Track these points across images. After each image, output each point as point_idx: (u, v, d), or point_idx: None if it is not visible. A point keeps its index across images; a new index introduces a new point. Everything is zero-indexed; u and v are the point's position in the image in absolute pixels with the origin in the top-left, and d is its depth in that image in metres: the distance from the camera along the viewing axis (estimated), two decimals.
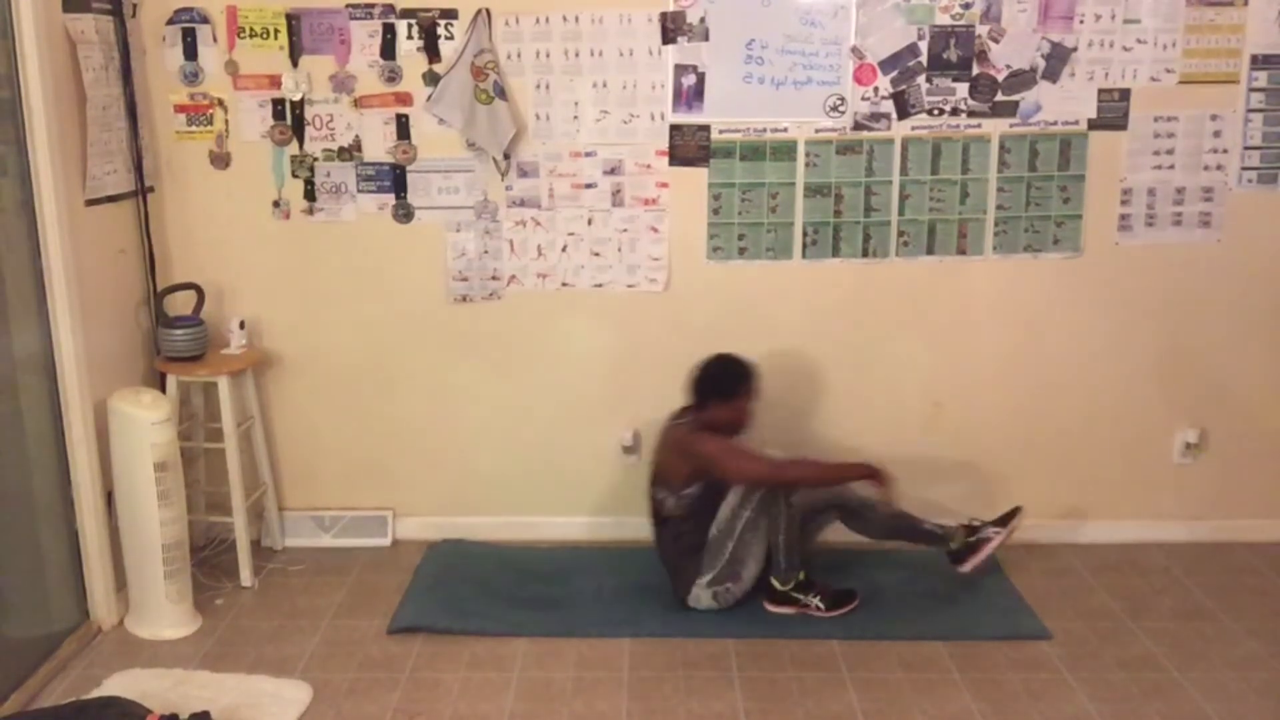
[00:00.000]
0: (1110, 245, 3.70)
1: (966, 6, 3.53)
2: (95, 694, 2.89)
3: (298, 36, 3.57)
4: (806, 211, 3.67)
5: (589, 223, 3.70)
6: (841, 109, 3.61)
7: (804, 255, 3.71)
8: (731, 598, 3.34)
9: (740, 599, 3.36)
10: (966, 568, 3.39)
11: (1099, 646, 3.20)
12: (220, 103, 3.62)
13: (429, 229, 3.71)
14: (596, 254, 3.72)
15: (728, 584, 3.31)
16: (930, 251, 3.70)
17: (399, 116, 3.63)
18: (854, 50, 3.56)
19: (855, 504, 3.46)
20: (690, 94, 3.60)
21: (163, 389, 3.53)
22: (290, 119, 3.63)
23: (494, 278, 3.75)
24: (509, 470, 3.89)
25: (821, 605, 3.33)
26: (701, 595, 3.34)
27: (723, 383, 3.38)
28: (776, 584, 3.34)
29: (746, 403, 3.40)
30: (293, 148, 3.65)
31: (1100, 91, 3.59)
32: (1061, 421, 3.82)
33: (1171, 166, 3.64)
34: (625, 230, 3.70)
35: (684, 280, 3.73)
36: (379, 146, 3.65)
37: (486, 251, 3.73)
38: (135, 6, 3.49)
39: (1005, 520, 3.45)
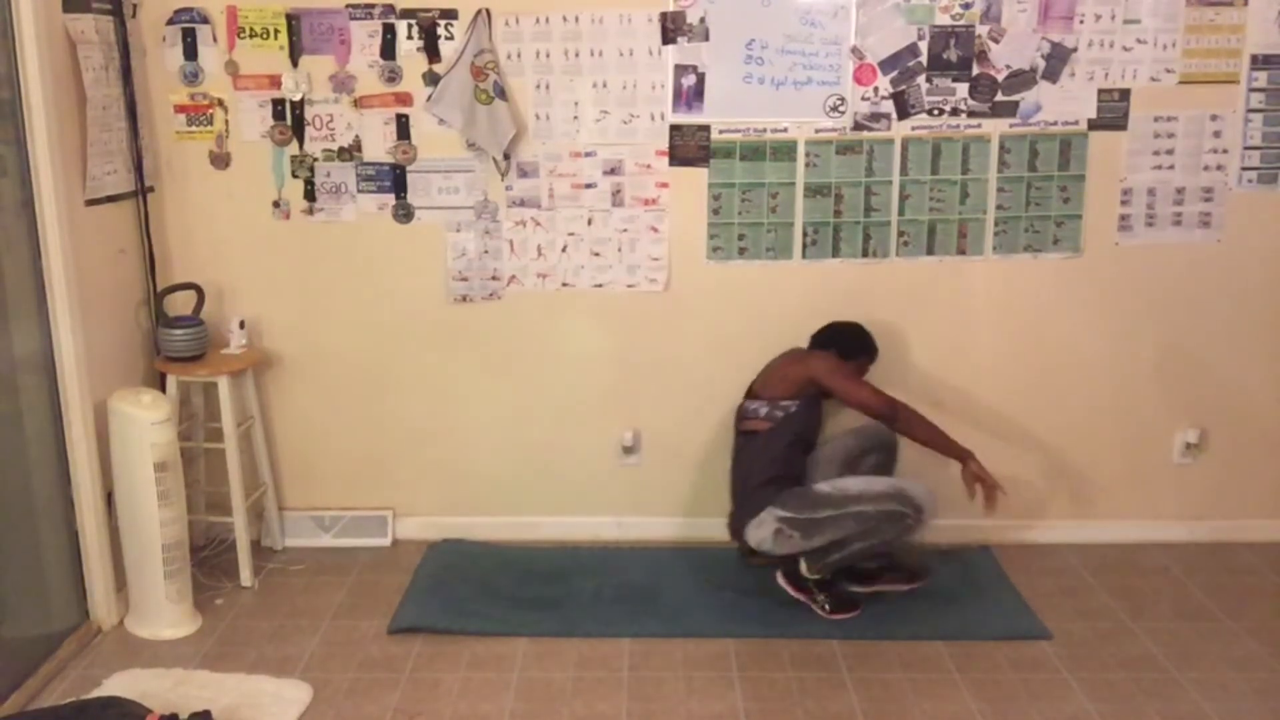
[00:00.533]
0: (1110, 245, 3.70)
1: (966, 6, 3.53)
2: (95, 694, 2.89)
3: (298, 36, 3.57)
4: (806, 211, 3.67)
5: (589, 223, 3.70)
6: (841, 109, 3.61)
7: (804, 255, 3.71)
8: (788, 547, 3.28)
9: (785, 556, 3.32)
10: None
11: (1099, 646, 3.20)
12: (220, 103, 3.62)
13: (429, 229, 3.71)
14: (596, 254, 3.72)
15: (795, 534, 3.24)
16: (930, 251, 3.70)
17: (399, 116, 3.63)
18: (854, 50, 3.56)
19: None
20: (690, 94, 3.60)
21: (163, 389, 3.53)
22: (290, 119, 3.63)
23: (494, 278, 3.75)
24: (509, 470, 3.89)
25: (827, 606, 3.33)
26: (766, 523, 3.26)
27: (849, 343, 3.52)
28: (804, 568, 3.33)
29: (857, 371, 3.51)
30: (293, 148, 3.66)
31: (1100, 91, 3.59)
32: (1061, 421, 3.83)
33: (1171, 166, 3.64)
34: (625, 230, 3.70)
35: (684, 280, 3.73)
36: (379, 146, 3.65)
37: (486, 251, 3.73)
38: (135, 6, 3.49)
39: (911, 577, 3.48)
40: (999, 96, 3.60)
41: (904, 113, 3.61)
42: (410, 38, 3.57)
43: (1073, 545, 3.85)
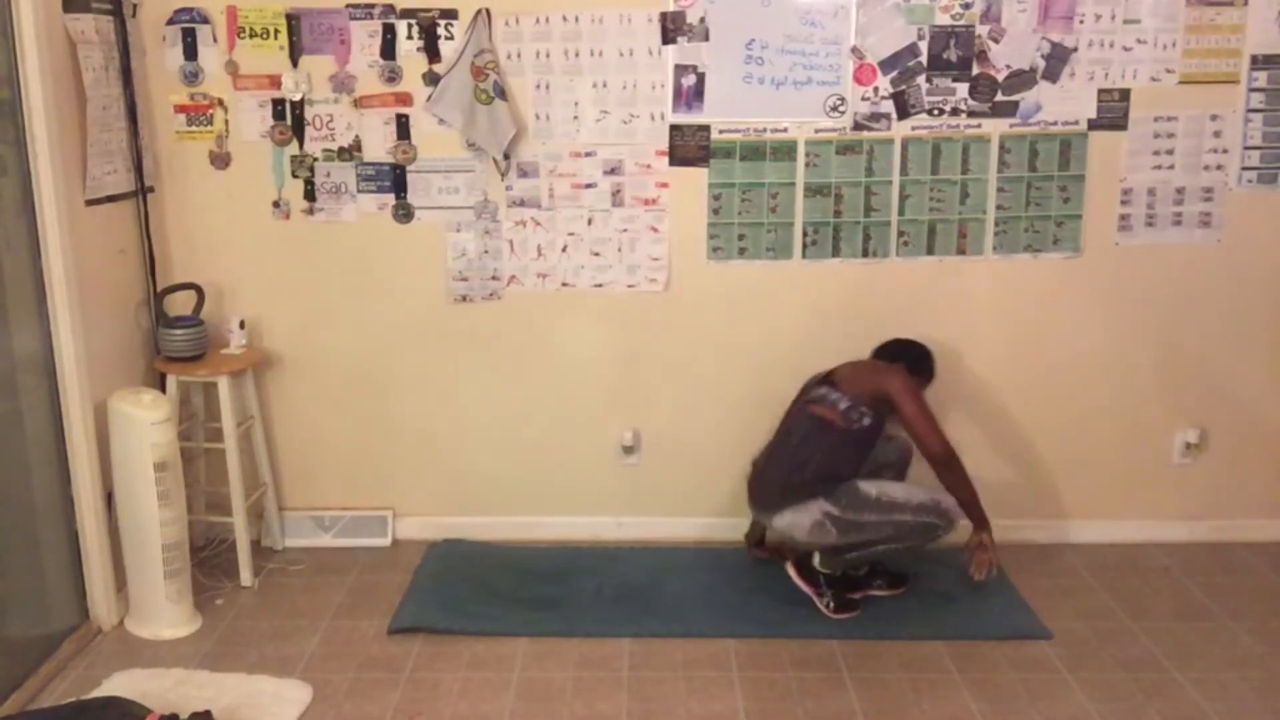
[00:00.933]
0: (1110, 245, 3.70)
1: (966, 6, 3.53)
2: (95, 694, 2.89)
3: (298, 36, 3.57)
4: (806, 211, 3.67)
5: (589, 223, 3.70)
6: (841, 109, 3.61)
7: (804, 255, 3.71)
8: (820, 541, 3.26)
9: (818, 551, 3.33)
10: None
11: (1099, 646, 3.20)
12: (220, 103, 3.62)
13: (429, 229, 3.71)
14: (596, 254, 3.72)
15: (834, 530, 3.22)
16: (930, 251, 3.70)
17: (399, 116, 3.63)
18: (854, 50, 3.56)
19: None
20: (690, 94, 3.60)
21: (163, 389, 3.53)
22: (290, 119, 3.63)
23: (494, 278, 3.75)
24: (509, 470, 3.89)
25: (831, 604, 3.33)
26: (810, 512, 3.22)
27: (916, 360, 3.48)
28: (818, 560, 3.34)
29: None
30: (293, 148, 3.66)
31: (1100, 91, 3.59)
32: (1061, 421, 3.82)
33: (1171, 166, 3.64)
34: (625, 230, 3.70)
35: (684, 280, 3.73)
36: (379, 146, 3.65)
37: (486, 251, 3.73)
38: (135, 6, 3.49)
39: (896, 582, 3.50)
40: (999, 96, 3.60)
41: (904, 113, 3.61)
42: (410, 38, 3.57)
43: (1073, 545, 3.85)
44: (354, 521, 3.91)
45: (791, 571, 3.38)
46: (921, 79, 3.58)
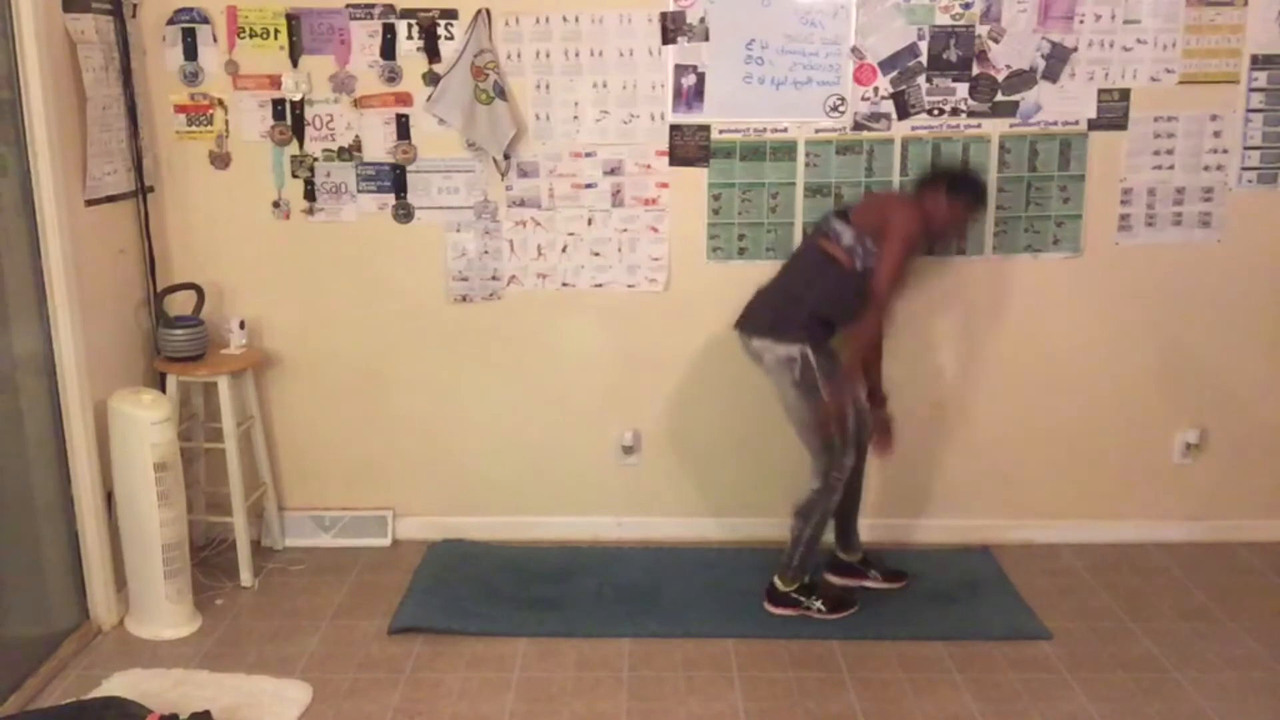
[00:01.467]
0: (1110, 245, 3.70)
1: (966, 6, 3.53)
2: (95, 694, 2.89)
3: (298, 36, 3.57)
4: (807, 211, 3.67)
5: (589, 223, 3.70)
6: (841, 109, 3.61)
7: None
8: (784, 377, 3.21)
9: (775, 575, 3.35)
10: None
11: (1099, 646, 3.20)
12: (220, 103, 3.62)
13: (429, 229, 3.71)
14: (596, 254, 3.72)
15: (795, 377, 3.18)
16: (930, 251, 3.70)
17: (399, 116, 3.63)
18: (854, 50, 3.56)
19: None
20: (690, 94, 3.60)
21: (163, 389, 3.53)
22: (290, 119, 3.63)
23: (494, 278, 3.75)
24: (509, 470, 3.89)
25: (824, 608, 3.33)
26: (791, 347, 3.19)
27: (959, 181, 3.37)
28: (780, 584, 3.34)
29: (959, 213, 3.36)
30: (293, 148, 3.66)
31: (1100, 91, 3.59)
32: (1061, 421, 3.82)
33: (1171, 166, 3.64)
34: (625, 230, 3.70)
35: (684, 280, 3.73)
36: (379, 146, 3.65)
37: (486, 251, 3.73)
38: (135, 6, 3.49)
39: (894, 577, 3.51)
40: (999, 96, 3.60)
41: (904, 113, 3.61)
42: (410, 38, 3.57)
43: (1073, 545, 3.85)
44: (354, 521, 3.91)
45: (770, 608, 3.37)
46: (921, 79, 3.58)
